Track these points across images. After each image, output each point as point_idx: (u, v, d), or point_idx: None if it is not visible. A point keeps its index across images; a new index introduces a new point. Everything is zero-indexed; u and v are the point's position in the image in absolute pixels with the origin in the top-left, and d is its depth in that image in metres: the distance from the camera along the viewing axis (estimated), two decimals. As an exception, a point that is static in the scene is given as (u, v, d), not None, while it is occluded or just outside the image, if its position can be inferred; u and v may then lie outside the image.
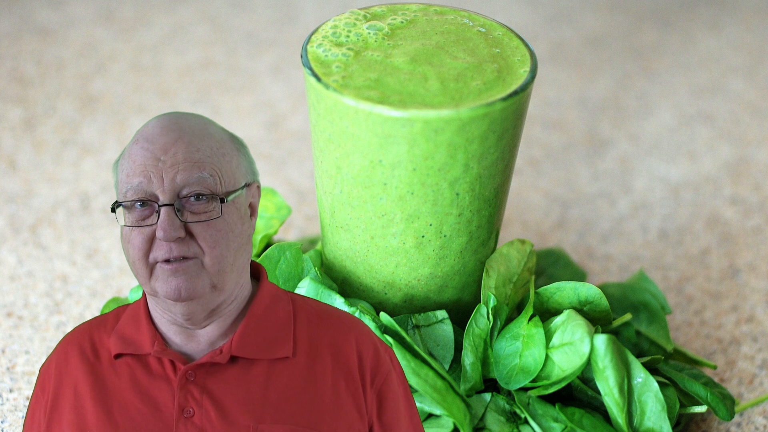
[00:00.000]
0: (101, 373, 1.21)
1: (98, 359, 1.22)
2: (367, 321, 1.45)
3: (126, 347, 1.21)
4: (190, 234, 1.18)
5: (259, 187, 1.25)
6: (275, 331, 1.22)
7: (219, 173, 1.19)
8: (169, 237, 1.16)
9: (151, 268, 1.18)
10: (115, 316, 1.26)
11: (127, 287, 1.78)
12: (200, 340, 1.22)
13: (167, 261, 1.17)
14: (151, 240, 1.18)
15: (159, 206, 1.17)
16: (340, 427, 1.20)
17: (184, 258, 1.17)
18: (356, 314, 1.45)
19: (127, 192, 1.18)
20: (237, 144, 1.24)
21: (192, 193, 1.18)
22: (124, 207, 1.18)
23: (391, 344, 1.44)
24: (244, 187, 1.22)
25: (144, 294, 1.25)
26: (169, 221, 1.16)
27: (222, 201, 1.18)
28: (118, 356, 1.21)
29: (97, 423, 1.18)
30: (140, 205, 1.18)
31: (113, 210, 1.19)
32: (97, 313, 1.73)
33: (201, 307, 1.20)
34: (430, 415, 1.45)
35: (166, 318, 1.22)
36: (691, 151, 2.14)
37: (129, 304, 1.27)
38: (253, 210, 1.24)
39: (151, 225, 1.18)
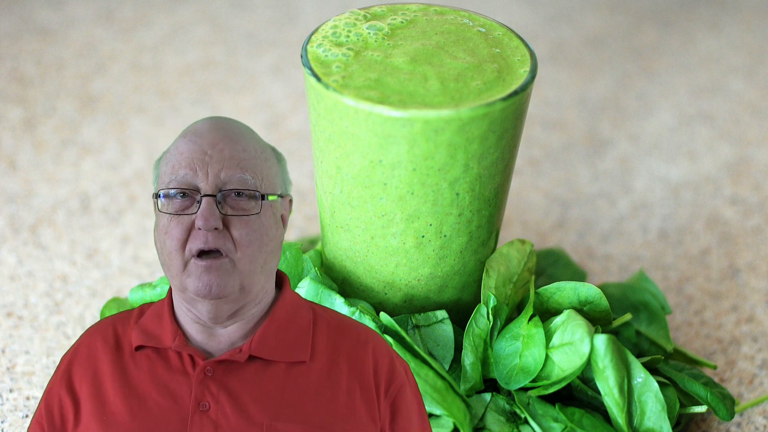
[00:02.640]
0: (123, 362, 1.23)
1: (120, 350, 1.24)
2: (367, 321, 1.45)
3: (147, 340, 1.24)
4: (227, 229, 1.21)
5: (291, 201, 1.29)
6: (294, 336, 1.25)
7: (260, 176, 1.23)
8: (209, 225, 1.19)
9: (185, 263, 1.21)
10: (140, 311, 1.28)
11: (127, 287, 1.78)
12: (221, 340, 1.24)
13: (201, 257, 1.20)
14: (189, 230, 1.21)
15: (201, 196, 1.20)
16: (353, 431, 1.21)
17: (218, 253, 1.20)
18: (356, 314, 1.45)
19: (170, 182, 1.22)
20: (277, 155, 1.28)
21: (234, 190, 1.21)
22: (165, 197, 1.22)
23: (390, 344, 1.44)
24: (279, 195, 1.25)
25: (169, 292, 1.27)
26: (209, 210, 1.20)
27: (262, 198, 1.22)
28: (138, 348, 1.24)
29: (116, 410, 1.20)
30: (181, 195, 1.21)
31: (156, 198, 1.22)
32: (97, 314, 1.73)
33: (227, 306, 1.22)
34: (430, 415, 1.45)
35: (189, 316, 1.24)
36: (691, 151, 2.14)
37: (154, 302, 1.29)
38: (284, 221, 1.28)
39: (190, 214, 1.21)
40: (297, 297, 1.28)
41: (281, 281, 1.29)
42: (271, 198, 1.23)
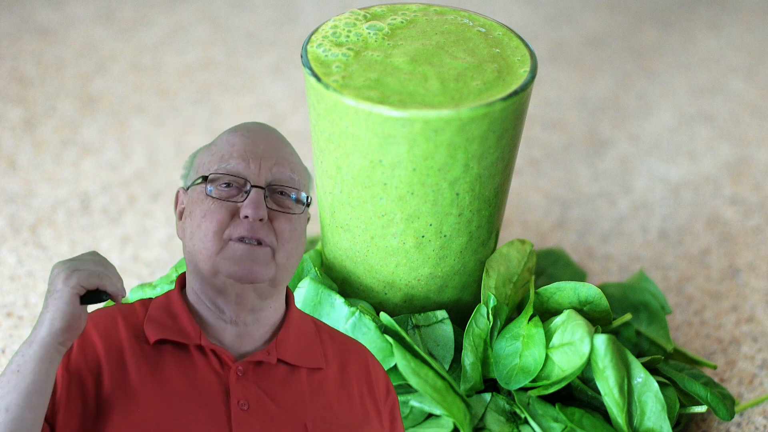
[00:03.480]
0: (147, 351, 1.20)
1: (139, 340, 1.21)
2: (367, 321, 1.45)
3: (169, 334, 1.21)
4: (270, 222, 1.22)
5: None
6: (308, 343, 1.26)
7: (303, 181, 1.26)
8: (257, 215, 1.20)
9: (222, 244, 1.21)
10: (142, 307, 1.25)
11: (127, 287, 1.78)
12: (244, 341, 1.23)
13: (242, 240, 1.20)
14: (231, 216, 1.21)
15: (251, 186, 1.22)
16: None
17: (259, 243, 1.21)
18: (356, 314, 1.45)
19: (219, 169, 1.23)
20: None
21: (283, 187, 1.23)
22: (210, 182, 1.23)
23: (391, 344, 1.44)
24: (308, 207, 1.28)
25: (177, 289, 1.26)
26: (258, 200, 1.21)
27: (307, 198, 1.25)
28: (158, 342, 1.21)
29: (149, 400, 1.16)
30: (226, 185, 1.22)
31: (201, 181, 1.23)
32: (97, 313, 1.73)
33: (254, 295, 1.22)
34: (430, 415, 1.45)
35: (210, 311, 1.23)
36: (691, 151, 2.14)
37: (150, 299, 1.27)
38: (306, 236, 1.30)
39: (236, 202, 1.22)
40: (299, 310, 1.30)
41: (286, 295, 1.30)
42: (310, 202, 1.26)
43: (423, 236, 1.45)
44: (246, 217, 1.20)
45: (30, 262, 1.83)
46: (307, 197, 1.25)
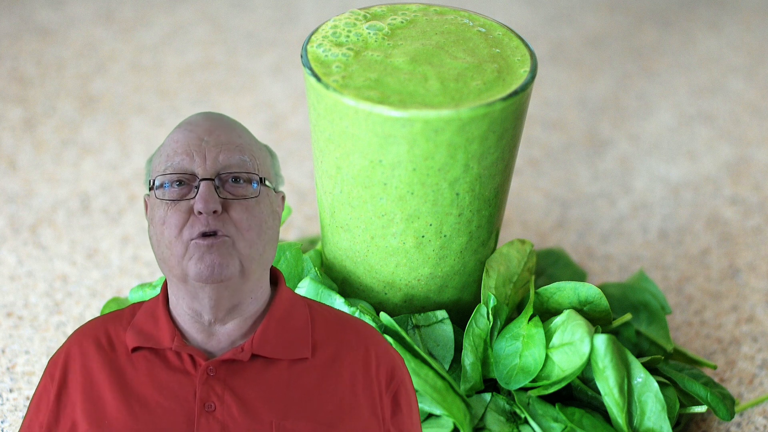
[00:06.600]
0: (119, 364, 1.21)
1: (115, 352, 1.23)
2: (367, 321, 1.45)
3: (144, 341, 1.22)
4: (226, 213, 1.20)
5: (284, 198, 1.29)
6: (294, 333, 1.24)
7: (258, 160, 1.24)
8: (208, 208, 1.19)
9: (186, 248, 1.20)
10: (131, 311, 1.27)
11: (127, 287, 1.78)
12: (221, 339, 1.23)
13: (202, 237, 1.19)
14: (188, 217, 1.20)
15: (199, 180, 1.20)
16: (358, 427, 1.21)
17: (218, 234, 1.19)
18: (356, 314, 1.45)
19: (165, 169, 1.21)
20: (269, 150, 1.29)
21: (232, 174, 1.21)
22: (160, 187, 1.21)
23: (390, 344, 1.44)
24: (274, 189, 1.26)
25: (162, 291, 1.26)
26: (208, 193, 1.19)
27: (261, 181, 1.22)
28: (135, 350, 1.22)
29: (117, 414, 1.18)
30: (177, 184, 1.21)
31: (151, 188, 1.22)
32: (97, 313, 1.73)
33: (228, 293, 1.21)
34: (430, 415, 1.45)
35: (188, 314, 1.23)
36: (691, 151, 2.14)
37: (144, 302, 1.28)
38: (278, 217, 1.27)
39: (189, 199, 1.20)
40: (292, 293, 1.28)
41: (276, 278, 1.29)
42: (267, 183, 1.23)
43: (423, 236, 1.45)
44: (200, 212, 1.19)
45: (30, 262, 1.83)
46: (261, 179, 1.22)
